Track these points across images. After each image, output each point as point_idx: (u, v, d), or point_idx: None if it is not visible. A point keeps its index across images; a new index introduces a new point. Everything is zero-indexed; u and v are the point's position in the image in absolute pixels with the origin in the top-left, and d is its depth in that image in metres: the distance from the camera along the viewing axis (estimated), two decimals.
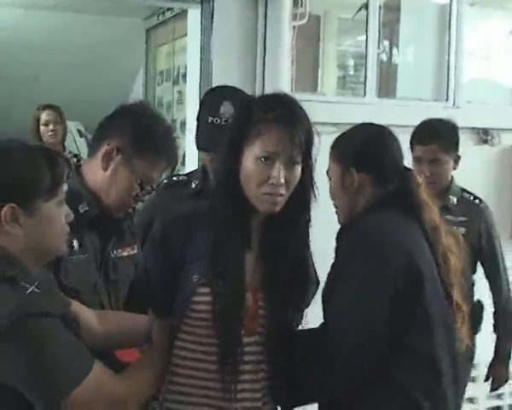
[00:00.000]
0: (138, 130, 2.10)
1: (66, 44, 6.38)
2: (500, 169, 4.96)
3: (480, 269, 3.44)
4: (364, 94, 4.61)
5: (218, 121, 2.63)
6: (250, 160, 1.85)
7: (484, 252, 3.37)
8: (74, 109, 5.81)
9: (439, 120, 3.37)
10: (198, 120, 2.79)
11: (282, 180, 1.85)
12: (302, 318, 2.15)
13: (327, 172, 2.23)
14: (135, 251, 2.28)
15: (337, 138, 2.26)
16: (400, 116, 4.50)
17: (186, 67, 5.07)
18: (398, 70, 5.21)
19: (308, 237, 2.04)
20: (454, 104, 4.90)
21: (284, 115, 1.85)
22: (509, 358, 3.52)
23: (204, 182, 2.80)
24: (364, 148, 2.17)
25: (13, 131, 5.09)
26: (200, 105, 2.82)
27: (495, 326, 3.48)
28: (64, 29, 6.36)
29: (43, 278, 1.74)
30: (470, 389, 4.87)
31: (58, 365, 1.63)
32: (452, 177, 3.35)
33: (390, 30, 5.19)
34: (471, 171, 4.88)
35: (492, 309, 3.46)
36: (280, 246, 1.95)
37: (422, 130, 3.30)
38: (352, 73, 5.23)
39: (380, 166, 2.15)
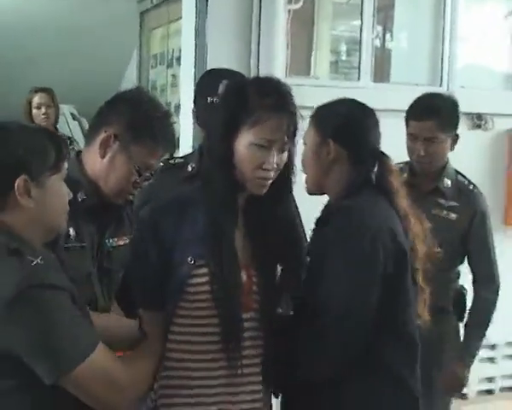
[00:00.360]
0: (135, 116, 2.10)
1: (61, 28, 6.35)
2: (493, 154, 4.97)
3: None
4: (359, 78, 4.61)
5: (217, 100, 2.60)
6: (246, 144, 1.89)
7: (473, 242, 3.10)
8: (67, 92, 5.80)
9: (439, 95, 3.18)
10: (195, 102, 2.79)
11: (276, 166, 1.91)
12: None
13: (304, 139, 2.21)
14: None
15: (319, 107, 2.25)
16: (394, 101, 4.50)
17: (180, 51, 5.07)
18: (393, 55, 5.20)
19: (293, 213, 2.11)
20: (448, 89, 4.89)
21: (280, 103, 1.90)
22: (473, 359, 3.17)
23: (200, 165, 2.80)
24: (345, 123, 2.18)
25: (8, 115, 5.10)
26: (197, 87, 2.83)
27: (467, 323, 3.17)
28: (59, 12, 6.33)
29: (46, 256, 1.75)
30: None
31: (63, 338, 1.64)
32: (448, 158, 3.13)
33: (385, 15, 5.17)
34: (464, 156, 4.89)
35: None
36: (266, 223, 1.99)
37: (419, 104, 3.05)
38: (344, 57, 5.22)
39: (358, 145, 2.18)
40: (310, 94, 4.27)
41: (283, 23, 4.00)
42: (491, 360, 5.12)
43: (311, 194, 2.25)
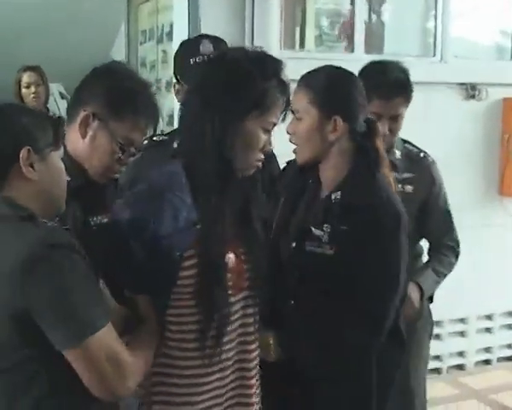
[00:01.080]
0: (112, 92, 2.03)
1: (47, 3, 6.25)
2: (487, 124, 4.97)
3: None
4: (352, 50, 4.58)
5: (200, 59, 2.64)
6: (257, 129, 1.86)
7: (433, 213, 2.96)
8: (55, 71, 5.71)
9: (397, 67, 2.84)
10: (176, 65, 2.78)
11: None
12: None
13: (293, 109, 2.16)
14: None
15: (313, 78, 2.22)
16: None
17: (171, 26, 5.01)
18: (385, 26, 5.16)
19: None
20: (441, 59, 4.87)
21: (282, 85, 1.89)
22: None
23: (183, 143, 2.77)
24: (352, 98, 2.18)
25: None
26: (177, 53, 2.81)
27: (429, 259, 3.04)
28: None
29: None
30: (457, 345, 4.99)
31: (80, 303, 1.61)
32: None
33: None
34: (459, 126, 4.90)
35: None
36: (249, 197, 1.98)
37: (384, 81, 2.75)
38: (328, 31, 5.17)
39: (357, 117, 2.19)
40: (304, 67, 4.25)
41: None
42: (489, 330, 5.15)
43: (302, 166, 2.24)
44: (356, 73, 2.35)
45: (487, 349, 5.14)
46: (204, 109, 1.85)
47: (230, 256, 1.91)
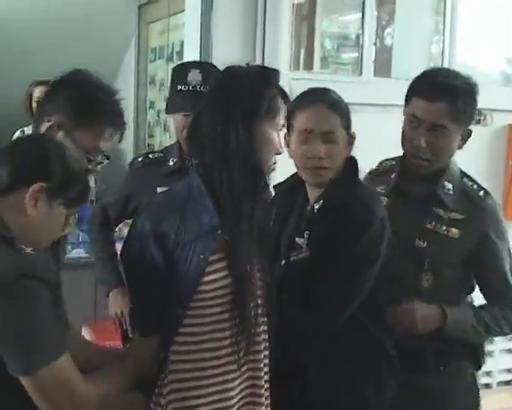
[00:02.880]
0: (76, 101, 2.04)
1: (57, 19, 6.30)
2: (492, 149, 4.99)
3: None
4: (361, 73, 4.61)
5: (186, 88, 2.71)
6: (270, 130, 1.95)
7: (482, 269, 2.39)
8: None
9: (455, 73, 2.40)
10: (169, 94, 2.86)
11: None
12: None
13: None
14: None
15: (337, 103, 2.30)
16: (397, 95, 4.51)
17: (181, 44, 5.06)
18: (393, 50, 5.21)
19: None
20: None
21: (282, 92, 2.02)
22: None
23: (181, 159, 2.80)
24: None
25: (7, 109, 5.06)
26: (171, 81, 2.88)
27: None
28: (55, 3, 6.29)
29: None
30: None
31: (40, 334, 1.63)
32: (452, 157, 2.43)
33: (385, 9, 5.18)
34: (463, 151, 4.90)
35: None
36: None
37: (431, 79, 2.34)
38: (333, 53, 5.22)
39: None
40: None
41: (288, 16, 3.99)
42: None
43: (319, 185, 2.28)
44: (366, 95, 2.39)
45: (488, 373, 5.09)
46: (222, 120, 1.91)
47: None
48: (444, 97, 2.26)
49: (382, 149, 4.45)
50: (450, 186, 2.38)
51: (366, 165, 4.35)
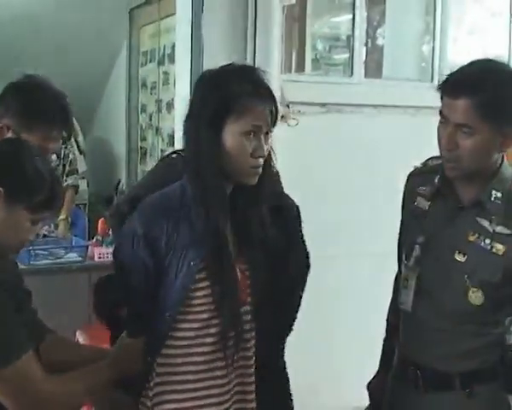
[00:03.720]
0: (24, 104, 2.11)
1: (49, 24, 6.30)
2: None
3: None
4: (352, 74, 4.63)
5: None
6: (236, 134, 1.87)
7: None
8: None
9: (492, 64, 2.05)
10: None
11: (265, 153, 1.93)
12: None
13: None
14: None
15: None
16: (387, 96, 4.55)
17: (172, 48, 5.07)
18: (384, 50, 5.23)
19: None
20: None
21: (262, 88, 1.92)
22: None
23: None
24: None
25: None
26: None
27: None
28: (45, 8, 6.28)
29: None
30: None
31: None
32: (503, 157, 2.09)
33: (376, 10, 5.19)
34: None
35: None
36: (250, 214, 1.99)
37: (457, 73, 2.02)
38: (324, 54, 5.24)
39: None
40: (303, 90, 4.33)
41: (279, 19, 4.00)
42: None
43: None
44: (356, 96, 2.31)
45: None
46: (189, 125, 1.91)
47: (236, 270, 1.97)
48: (466, 93, 1.95)
49: (374, 149, 4.50)
50: (499, 194, 2.05)
51: (357, 165, 4.42)
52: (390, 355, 2.38)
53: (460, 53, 5.13)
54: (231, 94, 1.87)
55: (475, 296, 2.05)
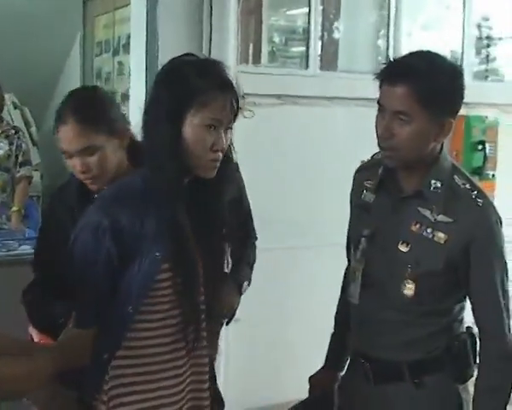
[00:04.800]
0: None
1: (2, 14, 6.20)
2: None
3: None
4: (307, 66, 4.65)
5: None
6: (195, 127, 1.87)
7: (470, 279, 2.10)
8: (8, 81, 5.67)
9: (433, 54, 2.08)
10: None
11: (225, 146, 1.92)
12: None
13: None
14: None
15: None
16: (342, 88, 4.58)
17: (127, 38, 5.03)
18: (340, 43, 5.26)
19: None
20: None
21: (224, 81, 1.91)
22: None
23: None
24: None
25: None
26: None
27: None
28: None
29: None
30: None
31: None
32: (442, 147, 2.12)
33: (333, 3, 5.22)
34: None
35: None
36: (210, 207, 2.00)
37: (396, 61, 2.07)
38: (281, 47, 5.26)
39: None
40: (259, 82, 4.33)
41: (234, 10, 4.00)
42: None
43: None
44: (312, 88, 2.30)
45: None
46: (149, 117, 1.89)
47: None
48: (405, 80, 1.96)
49: (329, 141, 4.53)
50: (438, 184, 2.07)
51: (313, 156, 4.45)
52: (337, 351, 2.42)
53: (414, 47, 5.17)
54: (193, 87, 1.85)
55: (408, 288, 2.09)
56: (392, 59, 2.09)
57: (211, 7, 3.96)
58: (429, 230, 2.07)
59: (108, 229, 1.84)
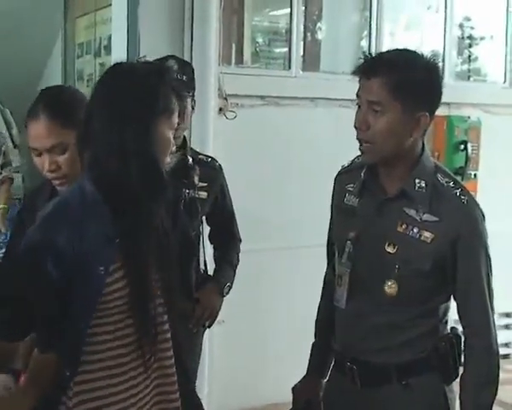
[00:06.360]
0: None
1: None
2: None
3: None
4: (289, 67, 4.65)
5: None
6: (167, 129, 1.90)
7: (457, 278, 2.11)
8: None
9: (409, 51, 2.11)
10: None
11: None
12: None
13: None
14: None
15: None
16: (325, 89, 4.58)
17: (109, 39, 5.00)
18: (322, 44, 5.27)
19: None
20: None
21: (173, 87, 1.96)
22: None
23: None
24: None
25: None
26: None
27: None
28: None
29: None
30: None
31: None
32: (424, 147, 2.12)
33: (315, 4, 5.22)
34: None
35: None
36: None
37: (373, 57, 2.09)
38: (265, 47, 5.25)
39: None
40: (242, 82, 4.32)
41: (216, 11, 3.99)
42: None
43: None
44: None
45: (506, 344, 5.21)
46: (117, 120, 1.84)
47: None
48: (380, 72, 2.00)
49: (311, 141, 4.53)
50: (422, 183, 2.08)
51: (295, 157, 4.44)
52: (321, 358, 2.40)
53: (401, 48, 5.20)
54: (163, 93, 1.88)
55: (395, 289, 2.09)
56: (368, 54, 2.09)
57: (192, 8, 3.95)
58: (416, 229, 2.07)
59: (46, 249, 1.79)
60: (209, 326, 3.04)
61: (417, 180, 2.08)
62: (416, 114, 2.02)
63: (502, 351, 3.10)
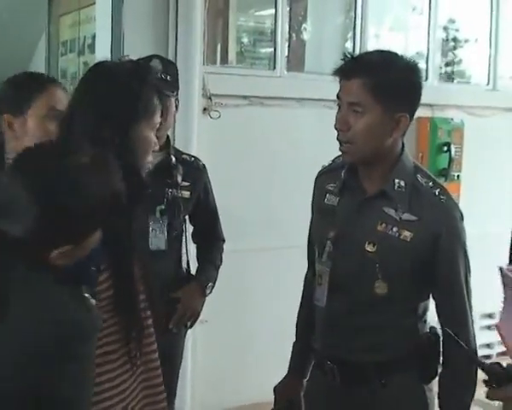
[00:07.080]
0: None
1: None
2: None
3: None
4: (274, 67, 4.65)
5: None
6: (147, 130, 1.92)
7: (437, 276, 2.12)
8: None
9: (388, 52, 2.16)
10: None
11: None
12: None
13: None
14: None
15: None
16: (309, 89, 4.58)
17: (93, 38, 4.98)
18: (307, 44, 5.27)
19: None
20: None
21: (155, 87, 1.99)
22: None
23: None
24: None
25: None
26: None
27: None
28: None
29: None
30: None
31: None
32: (403, 147, 2.13)
33: (300, 4, 5.23)
34: None
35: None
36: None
37: (354, 58, 2.09)
38: (250, 48, 5.25)
39: None
40: (226, 82, 4.32)
41: (201, 10, 3.99)
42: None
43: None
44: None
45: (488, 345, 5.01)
46: (98, 122, 1.84)
47: None
48: (359, 73, 2.00)
49: (296, 141, 4.53)
50: (402, 183, 2.09)
51: (280, 157, 4.44)
52: (302, 358, 2.41)
53: (382, 49, 5.21)
54: (145, 95, 1.89)
55: (380, 287, 2.10)
56: (349, 55, 2.10)
57: (177, 7, 3.94)
58: (395, 229, 2.09)
59: None
60: (190, 326, 3.03)
61: (397, 180, 2.09)
62: (396, 115, 2.03)
63: (484, 352, 3.19)
